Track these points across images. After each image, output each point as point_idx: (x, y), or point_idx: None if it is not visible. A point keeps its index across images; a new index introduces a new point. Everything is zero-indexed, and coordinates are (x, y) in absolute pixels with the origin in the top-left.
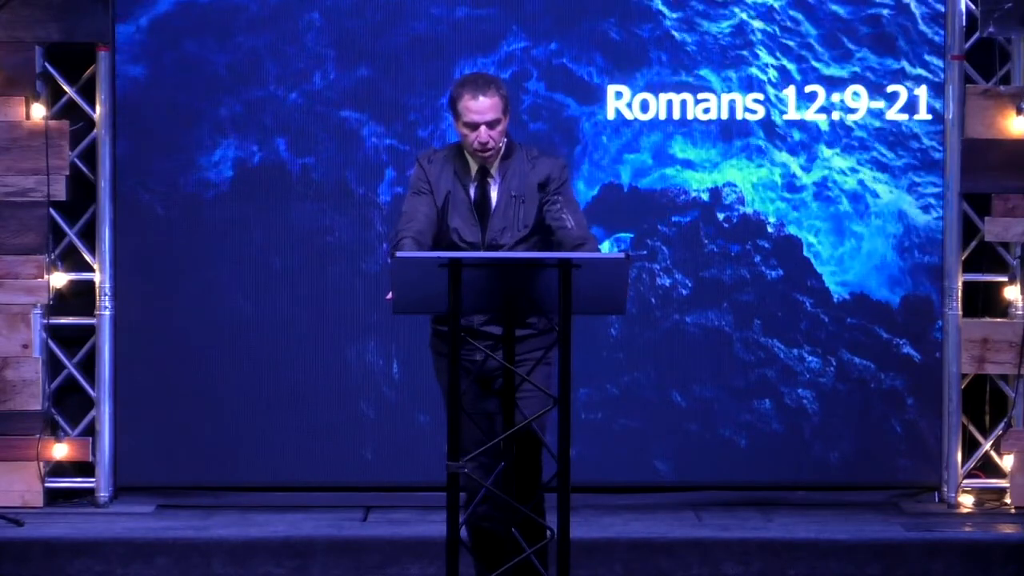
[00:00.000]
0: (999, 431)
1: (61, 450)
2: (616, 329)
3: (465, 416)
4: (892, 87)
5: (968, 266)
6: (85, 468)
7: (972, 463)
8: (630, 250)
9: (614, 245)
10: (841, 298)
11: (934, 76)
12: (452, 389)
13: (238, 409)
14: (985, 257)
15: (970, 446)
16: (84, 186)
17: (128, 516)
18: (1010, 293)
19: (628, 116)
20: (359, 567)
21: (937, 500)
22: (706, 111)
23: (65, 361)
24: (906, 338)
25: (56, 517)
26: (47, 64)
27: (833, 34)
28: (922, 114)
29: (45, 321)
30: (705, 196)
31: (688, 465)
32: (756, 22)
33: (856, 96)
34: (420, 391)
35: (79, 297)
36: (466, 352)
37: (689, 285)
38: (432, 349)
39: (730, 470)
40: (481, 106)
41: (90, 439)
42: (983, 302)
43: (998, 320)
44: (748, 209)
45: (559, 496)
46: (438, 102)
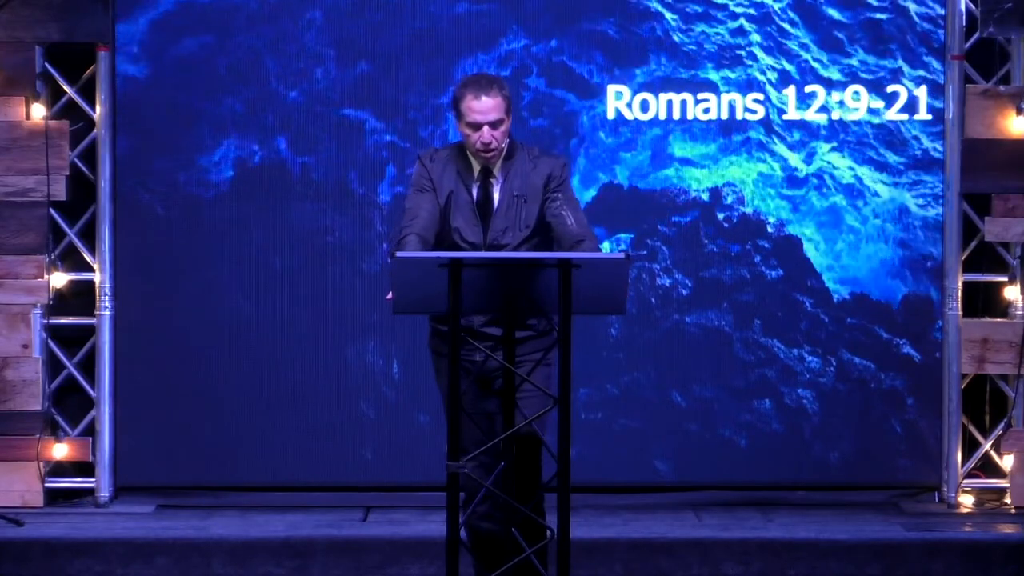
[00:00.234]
0: (999, 431)
1: (61, 450)
2: (616, 329)
3: (465, 416)
4: (892, 87)
5: (968, 266)
6: (85, 468)
7: (972, 463)
8: (630, 250)
9: (614, 245)
10: (841, 298)
11: (934, 76)
12: (452, 389)
13: (238, 409)
14: (985, 257)
15: (970, 446)
16: (84, 186)
17: (128, 516)
18: (1010, 293)
19: (628, 116)
20: (359, 567)
21: (937, 500)
22: (706, 111)
23: (65, 361)
24: (906, 338)
25: (56, 517)
26: (47, 64)
27: (833, 34)
28: (922, 114)
29: (45, 321)
30: (705, 196)
31: (688, 465)
32: (756, 22)
33: (856, 96)
34: (420, 391)
35: (79, 297)
36: (466, 352)
37: (689, 285)
38: (431, 349)
39: (730, 470)
40: (484, 106)
41: (90, 439)
42: (983, 302)
43: (998, 320)
44: (748, 209)
45: (559, 496)
46: (438, 100)
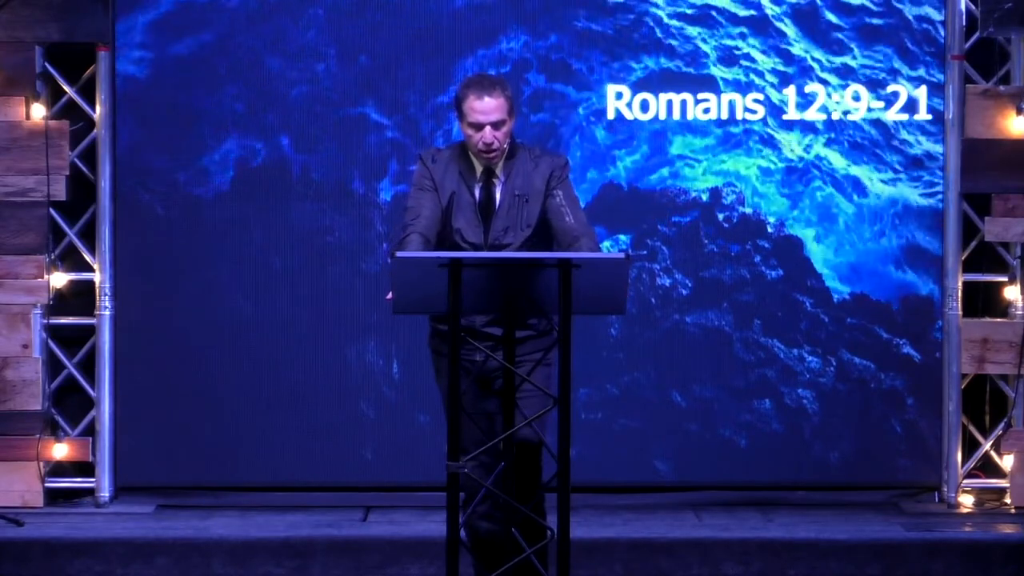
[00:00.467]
0: (999, 431)
1: (61, 450)
2: (616, 329)
3: (465, 416)
4: (892, 87)
5: (968, 266)
6: (85, 468)
7: (972, 463)
8: (630, 250)
9: (614, 245)
10: (841, 298)
11: (934, 76)
12: (452, 389)
13: (238, 409)
14: (985, 257)
15: (970, 446)
16: (84, 186)
17: (128, 516)
18: (1010, 293)
19: (628, 116)
20: (359, 567)
21: (937, 500)
22: (706, 111)
23: (65, 361)
24: (906, 338)
25: (56, 517)
26: (47, 64)
27: (832, 35)
28: (922, 114)
29: (45, 321)
30: (705, 196)
31: (688, 465)
32: (756, 23)
33: (856, 96)
34: (420, 391)
35: (79, 297)
36: (466, 352)
37: (689, 285)
38: (431, 348)
39: (730, 470)
40: (486, 106)
41: (90, 439)
42: (983, 302)
43: (998, 320)
44: (748, 209)
45: (559, 496)
46: (439, 98)
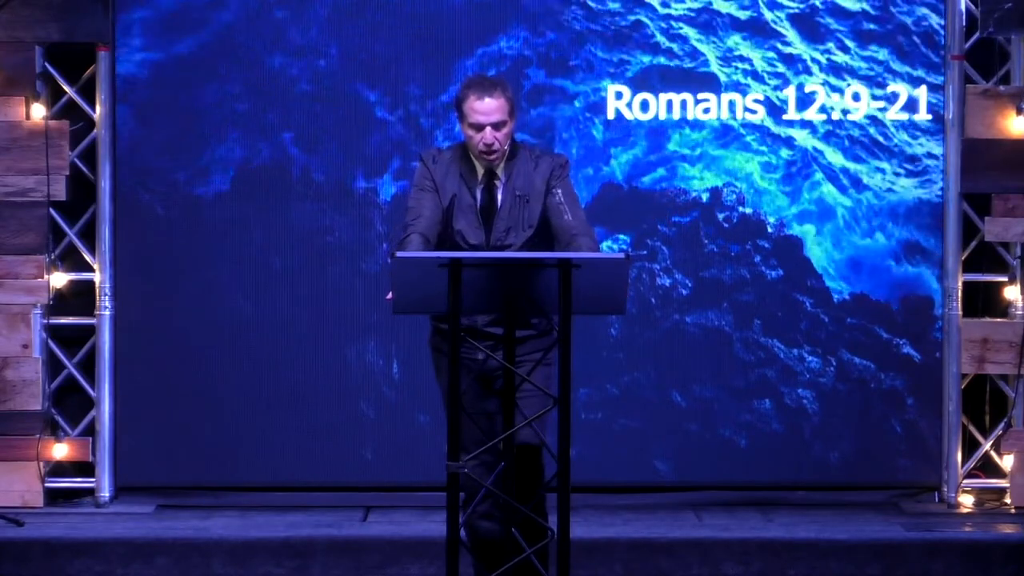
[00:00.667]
0: (999, 431)
1: (61, 450)
2: (616, 329)
3: (466, 416)
4: (892, 87)
5: (968, 266)
6: (85, 468)
7: (972, 463)
8: (630, 250)
9: (615, 244)
10: (841, 298)
11: (934, 76)
12: (452, 390)
13: (238, 409)
14: (985, 257)
15: (970, 446)
16: (84, 186)
17: (128, 516)
18: (1010, 293)
19: (628, 116)
20: (359, 567)
21: (937, 500)
22: (706, 111)
23: (65, 361)
24: (906, 338)
25: (56, 517)
26: (47, 64)
27: (833, 34)
28: (922, 114)
29: (45, 321)
30: (705, 196)
31: (688, 465)
32: (756, 23)
33: (856, 96)
34: (420, 391)
35: (79, 297)
36: (468, 351)
37: (689, 285)
38: (432, 347)
39: (730, 470)
40: (487, 107)
41: (90, 439)
42: (983, 302)
43: (998, 320)
44: (748, 209)
45: (559, 496)
46: (439, 97)
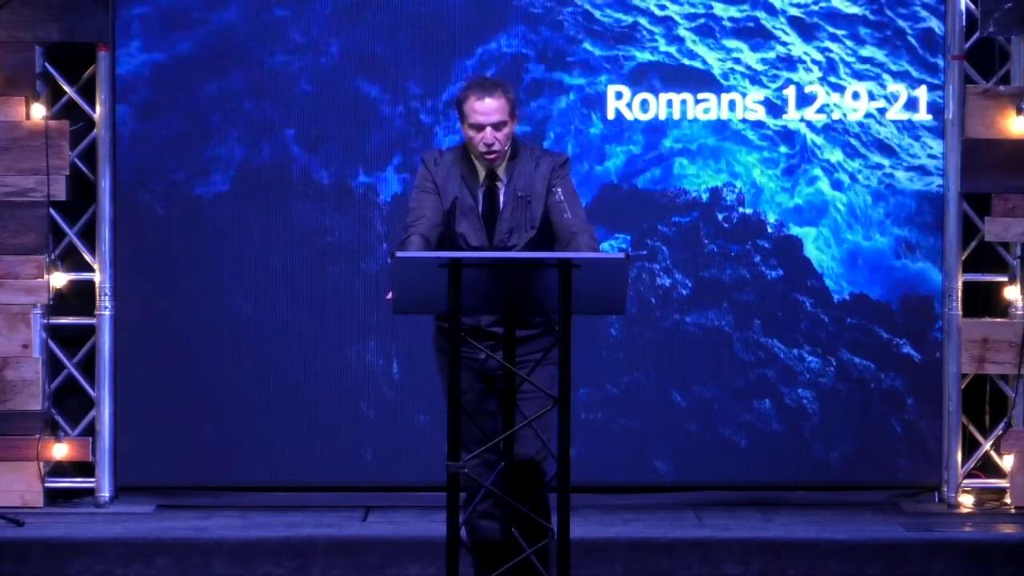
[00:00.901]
0: (999, 431)
1: (61, 450)
2: (616, 329)
3: (469, 415)
4: (892, 87)
5: (968, 266)
6: (85, 468)
7: (972, 463)
8: (630, 250)
9: (615, 243)
10: (841, 298)
11: (934, 76)
12: (452, 389)
13: (238, 409)
14: (985, 257)
15: (970, 446)
16: (84, 186)
17: (128, 516)
18: (1010, 293)
19: (628, 116)
20: (359, 567)
21: (937, 500)
22: (706, 111)
23: (65, 361)
24: (906, 338)
25: (56, 517)
26: (47, 64)
27: (833, 34)
28: (922, 114)
29: (45, 321)
30: (705, 196)
31: (688, 465)
32: (756, 23)
33: (856, 96)
34: (420, 391)
35: (79, 297)
36: (472, 351)
37: (689, 285)
38: (437, 347)
39: (730, 470)
40: (487, 107)
41: (90, 439)
42: (983, 302)
43: (998, 320)
44: (748, 209)
45: (559, 496)
46: (440, 98)
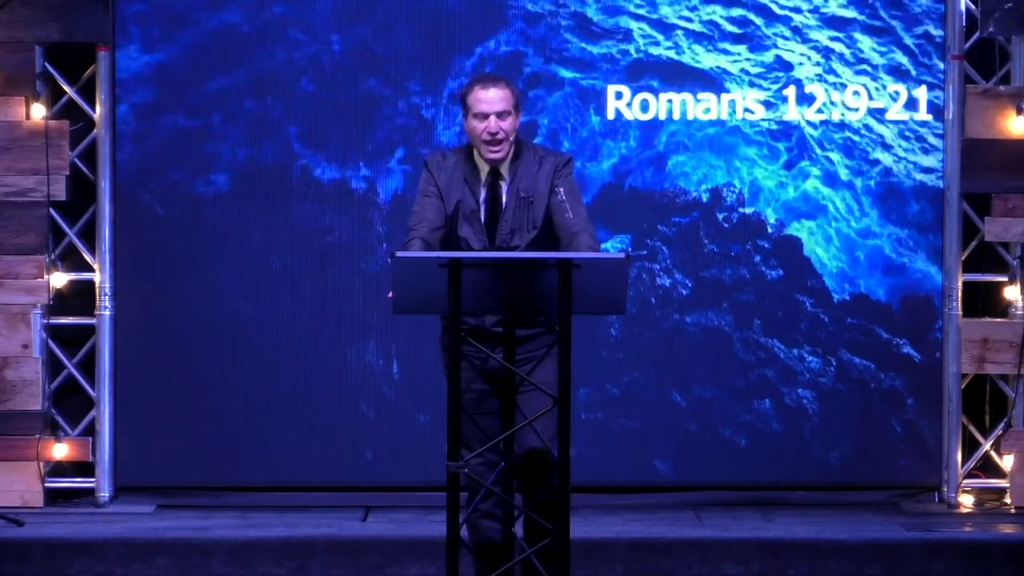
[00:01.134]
0: (999, 431)
1: (61, 450)
2: (616, 329)
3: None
4: (892, 87)
5: (968, 266)
6: (85, 468)
7: (972, 463)
8: (630, 250)
9: (616, 244)
10: (841, 298)
11: (934, 76)
12: (452, 389)
13: (238, 409)
14: (985, 257)
15: (970, 446)
16: (84, 186)
17: (128, 516)
18: (1010, 293)
19: (628, 116)
20: (359, 567)
21: (937, 500)
22: (706, 111)
23: (65, 361)
24: (906, 338)
25: (56, 517)
26: (47, 64)
27: (833, 34)
28: (922, 114)
29: (45, 321)
30: (705, 196)
31: (688, 465)
32: (756, 22)
33: (856, 96)
34: (420, 391)
35: (79, 297)
36: (476, 351)
37: (689, 285)
38: (442, 347)
39: (730, 470)
40: (492, 96)
41: (90, 439)
42: (983, 302)
43: (998, 320)
44: (748, 209)
45: (559, 496)
46: (440, 99)
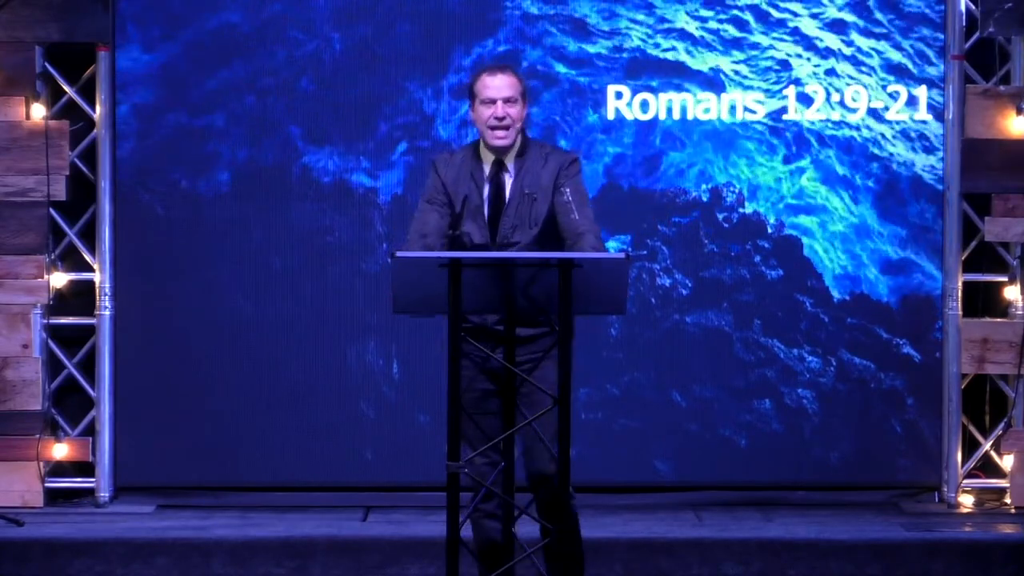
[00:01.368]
0: (999, 431)
1: (61, 450)
2: (616, 329)
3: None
4: (892, 87)
5: (968, 266)
6: (85, 468)
7: (972, 463)
8: (630, 250)
9: (618, 244)
10: (841, 298)
11: (934, 76)
12: (452, 389)
13: (238, 409)
14: (985, 257)
15: (970, 446)
16: (84, 186)
17: (128, 516)
18: (1010, 293)
19: (628, 116)
20: (359, 567)
21: (937, 500)
22: (706, 111)
23: (65, 361)
24: (906, 338)
25: (56, 517)
26: (47, 64)
27: (832, 34)
28: (922, 114)
29: (45, 321)
30: (705, 196)
31: (688, 465)
32: (755, 22)
33: (856, 96)
34: (420, 391)
35: (79, 297)
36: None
37: (689, 285)
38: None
39: (730, 470)
40: (499, 82)
41: (90, 439)
42: (983, 302)
43: (998, 320)
44: (748, 209)
45: (559, 496)
46: (441, 100)
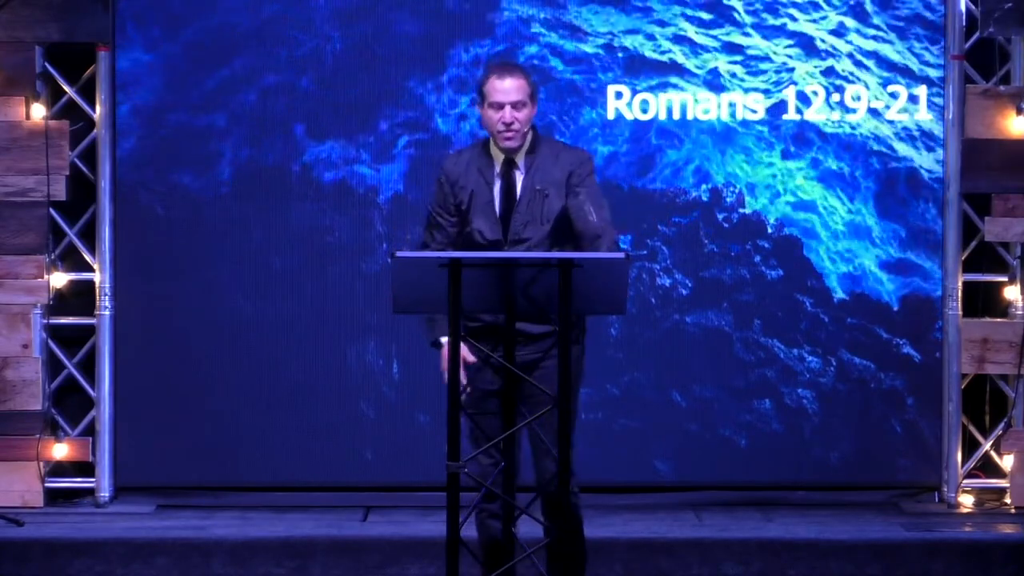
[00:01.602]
0: (999, 431)
1: (61, 450)
2: (616, 329)
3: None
4: (892, 87)
5: (968, 266)
6: (85, 468)
7: (972, 463)
8: (630, 250)
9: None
10: (841, 298)
11: (934, 76)
12: (452, 389)
13: (238, 409)
14: (985, 257)
15: (970, 446)
16: (84, 186)
17: (128, 516)
18: (1010, 293)
19: (628, 116)
20: (359, 567)
21: (937, 500)
22: (706, 111)
23: (65, 361)
24: (906, 338)
25: (56, 517)
26: (47, 64)
27: (833, 34)
28: (922, 114)
29: (45, 321)
30: (705, 196)
31: (688, 465)
32: (755, 22)
33: (856, 96)
34: (420, 391)
35: (79, 297)
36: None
37: (689, 285)
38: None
39: (730, 470)
40: (507, 86)
41: (90, 439)
42: (983, 302)
43: (998, 320)
44: (748, 209)
45: (559, 496)
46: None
